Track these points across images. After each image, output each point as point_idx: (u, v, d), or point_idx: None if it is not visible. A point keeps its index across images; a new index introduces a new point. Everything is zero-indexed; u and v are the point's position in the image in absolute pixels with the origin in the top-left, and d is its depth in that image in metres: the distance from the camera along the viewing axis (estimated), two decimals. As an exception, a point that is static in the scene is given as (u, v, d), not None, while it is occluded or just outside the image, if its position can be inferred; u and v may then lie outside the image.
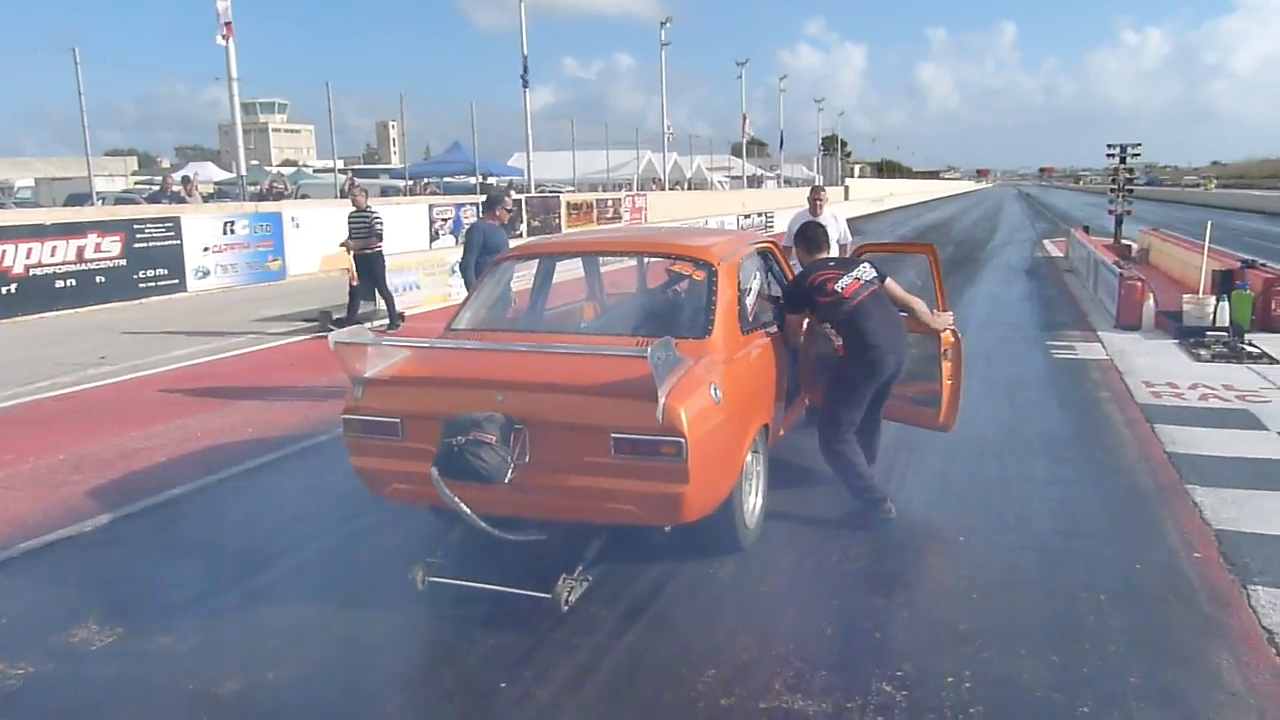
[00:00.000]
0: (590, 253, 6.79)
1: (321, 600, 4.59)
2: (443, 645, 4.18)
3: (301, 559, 5.18)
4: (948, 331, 5.86)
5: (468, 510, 4.29)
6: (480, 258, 8.07)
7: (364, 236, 12.53)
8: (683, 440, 4.10)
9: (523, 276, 6.29)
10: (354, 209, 12.81)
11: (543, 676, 3.86)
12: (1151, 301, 12.16)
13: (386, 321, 12.75)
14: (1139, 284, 12.30)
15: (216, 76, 20.04)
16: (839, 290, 5.45)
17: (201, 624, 4.38)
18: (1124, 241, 20.85)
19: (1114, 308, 12.67)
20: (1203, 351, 10.30)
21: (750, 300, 5.71)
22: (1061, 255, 24.22)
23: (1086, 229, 23.18)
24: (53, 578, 4.97)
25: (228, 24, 18.87)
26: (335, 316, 12.95)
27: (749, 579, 4.75)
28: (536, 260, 6.18)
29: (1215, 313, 11.18)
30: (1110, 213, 21.50)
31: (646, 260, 6.57)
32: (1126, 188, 21.00)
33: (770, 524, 5.30)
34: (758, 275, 6.11)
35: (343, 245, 12.75)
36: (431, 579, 4.46)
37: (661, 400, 4.06)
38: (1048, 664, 3.89)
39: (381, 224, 12.63)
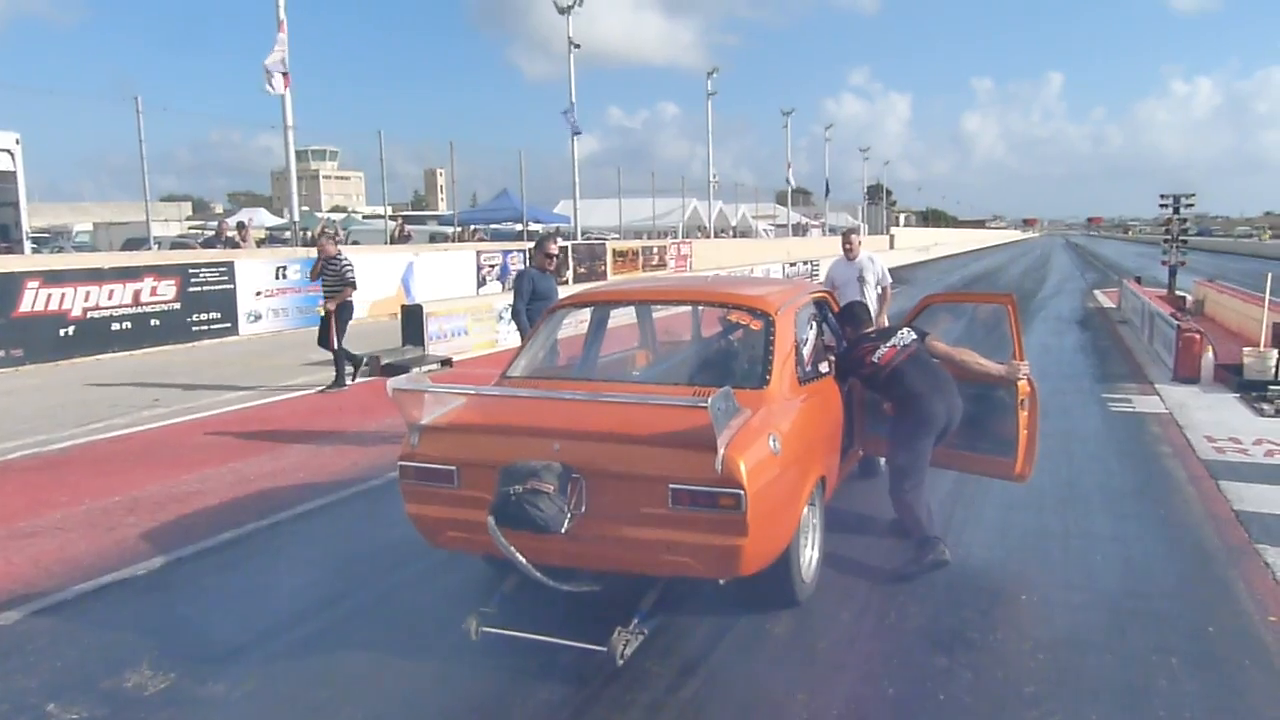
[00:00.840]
0: (646, 301, 6.74)
1: (374, 648, 4.55)
2: (496, 697, 4.11)
3: (354, 606, 5.14)
4: (1024, 380, 5.79)
5: (523, 560, 4.24)
6: (530, 304, 8.10)
7: (336, 288, 11.61)
8: (742, 492, 4.03)
9: (576, 324, 6.28)
10: (324, 258, 11.73)
11: (597, 733, 3.78)
12: (1210, 354, 11.91)
13: (338, 382, 11.76)
14: (1197, 336, 12.05)
15: (272, 125, 20.49)
16: (876, 360, 5.74)
17: (253, 671, 4.35)
18: (1178, 293, 20.51)
19: (1171, 360, 12.41)
20: (1265, 406, 10.04)
21: (807, 350, 5.65)
22: (1113, 306, 23.89)
23: (1139, 280, 22.87)
24: (106, 621, 4.97)
25: (284, 74, 19.29)
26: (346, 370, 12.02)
27: (806, 635, 4.65)
28: (591, 308, 6.15)
29: (1278, 367, 10.92)
30: (1164, 264, 21.18)
31: (702, 309, 6.49)
32: (1180, 238, 20.69)
33: (826, 578, 5.19)
34: (814, 325, 6.03)
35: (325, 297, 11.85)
36: (485, 629, 4.40)
37: (721, 451, 4.01)
38: (1121, 731, 3.75)
39: (352, 271, 11.74)
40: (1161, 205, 20.51)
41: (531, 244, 24.68)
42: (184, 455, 8.40)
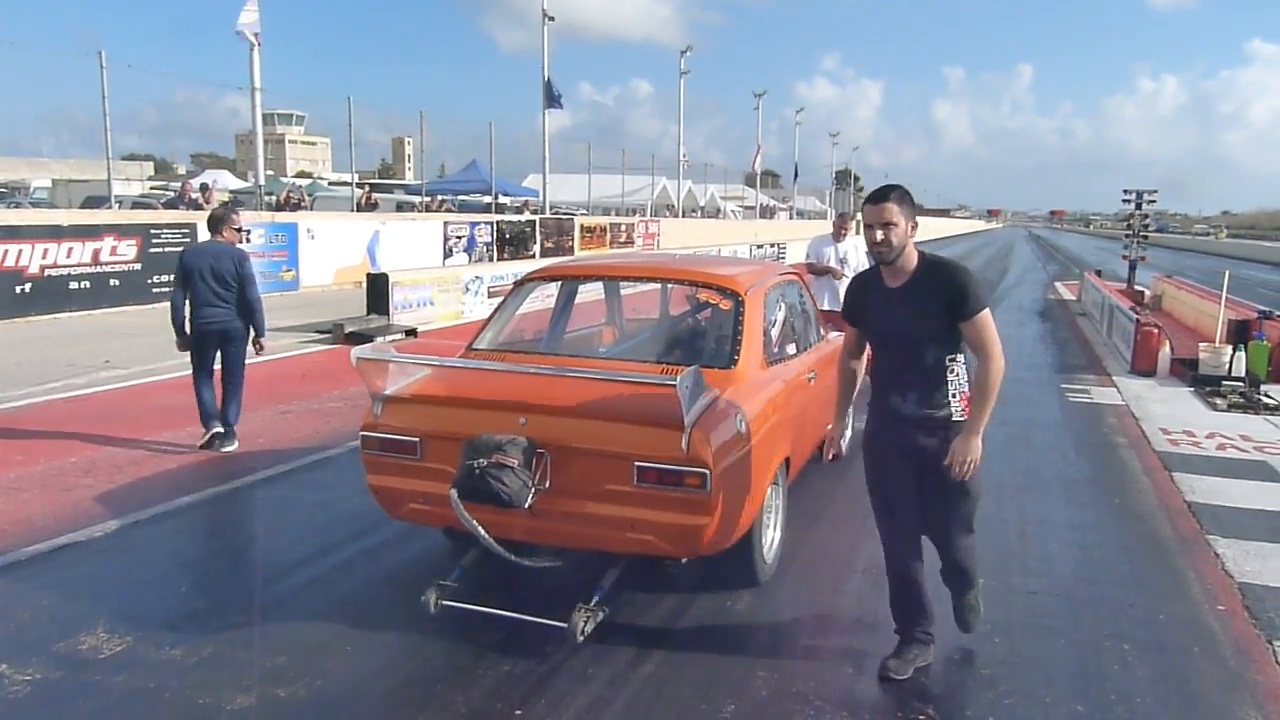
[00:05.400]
0: (614, 277, 6.60)
1: (333, 618, 4.52)
2: (455, 671, 4.09)
3: (313, 574, 5.11)
4: None
5: (485, 534, 4.21)
6: (209, 284, 7.34)
7: None
8: (707, 471, 4.03)
9: (544, 298, 6.22)
10: None
11: (556, 707, 3.79)
12: (1167, 348, 12.10)
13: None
14: (1155, 330, 12.25)
15: (239, 86, 20.21)
16: None
17: (210, 637, 4.31)
18: (1137, 287, 20.82)
19: (1129, 353, 12.61)
20: (1219, 401, 10.23)
21: (776, 331, 5.62)
22: (1074, 298, 24.19)
23: (1099, 273, 23.17)
24: (61, 583, 4.90)
25: (256, 34, 18.97)
26: None
27: (767, 613, 4.68)
28: (559, 283, 6.05)
29: (1231, 362, 11.13)
30: (1124, 258, 21.47)
31: (671, 287, 6.44)
32: (1141, 234, 20.97)
33: (787, 558, 5.23)
34: (783, 306, 5.98)
35: None
36: (444, 602, 4.36)
37: (688, 430, 4.01)
38: (1073, 713, 3.82)
39: None
40: (1125, 201, 20.76)
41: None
42: (144, 417, 8.29)
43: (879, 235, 3.79)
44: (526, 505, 4.11)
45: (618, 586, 4.49)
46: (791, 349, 5.84)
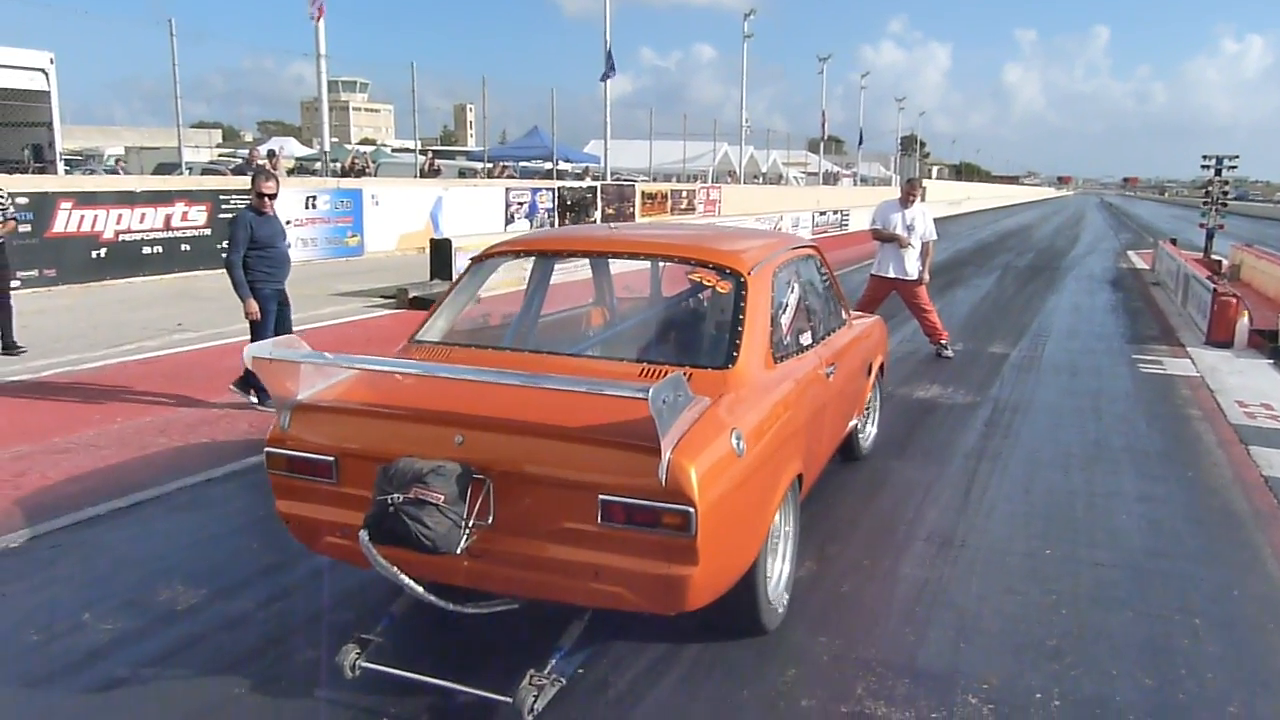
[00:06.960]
0: (594, 253, 5.30)
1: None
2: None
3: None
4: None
5: (410, 582, 3.38)
6: (249, 253, 7.31)
7: None
8: (692, 510, 3.11)
9: (515, 277, 5.22)
10: None
11: (620, 663, 3.81)
12: (1245, 319, 11.76)
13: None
14: (1233, 300, 11.90)
15: (305, 53, 20.43)
16: None
17: (281, 590, 4.43)
18: (1214, 256, 20.24)
19: (1204, 324, 12.27)
20: (1300, 374, 9.94)
21: (786, 319, 4.59)
22: (1147, 268, 23.57)
23: (1174, 241, 22.56)
24: (139, 537, 5.06)
25: (320, 5, 19.14)
26: None
27: (829, 579, 4.67)
28: (532, 259, 5.02)
29: (1314, 334, 10.80)
30: (1201, 226, 20.86)
31: (662, 266, 5.34)
32: (1221, 201, 20.34)
33: (850, 525, 5.20)
34: (796, 287, 4.90)
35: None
36: (365, 664, 3.53)
37: (666, 456, 3.10)
38: (1141, 687, 3.76)
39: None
40: (1204, 166, 20.14)
41: (560, 184, 24.54)
42: (214, 379, 8.46)
43: None
44: (458, 550, 3.27)
45: (583, 642, 3.71)
46: (806, 338, 4.83)
